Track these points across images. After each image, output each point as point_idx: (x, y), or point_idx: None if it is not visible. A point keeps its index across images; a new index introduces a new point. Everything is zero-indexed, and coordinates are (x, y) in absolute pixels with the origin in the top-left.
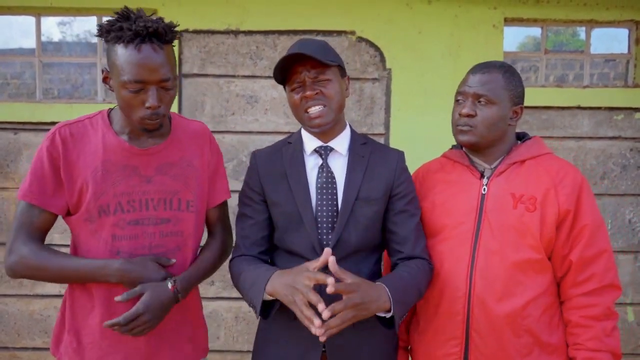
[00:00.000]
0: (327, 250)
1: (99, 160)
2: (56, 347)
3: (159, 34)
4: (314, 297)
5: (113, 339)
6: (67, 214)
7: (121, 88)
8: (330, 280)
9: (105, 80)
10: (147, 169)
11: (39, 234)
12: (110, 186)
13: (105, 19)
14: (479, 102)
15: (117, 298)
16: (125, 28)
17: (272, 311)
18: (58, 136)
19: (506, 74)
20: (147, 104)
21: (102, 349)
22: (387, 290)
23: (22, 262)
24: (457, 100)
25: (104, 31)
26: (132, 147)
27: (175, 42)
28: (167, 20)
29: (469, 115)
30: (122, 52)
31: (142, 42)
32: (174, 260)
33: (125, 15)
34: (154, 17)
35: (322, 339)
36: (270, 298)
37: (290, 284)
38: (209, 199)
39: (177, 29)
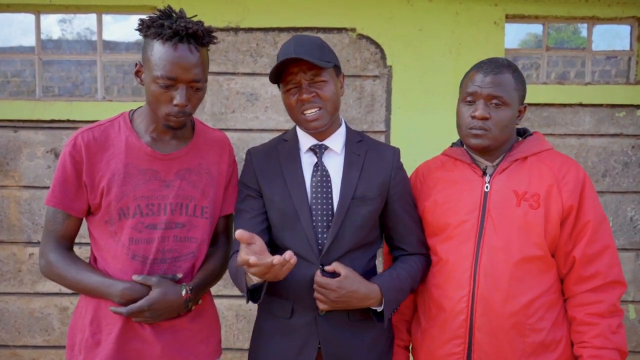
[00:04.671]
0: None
1: (121, 163)
2: (71, 349)
3: (197, 36)
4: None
5: (129, 336)
6: (88, 213)
7: (152, 82)
8: (317, 272)
9: (137, 73)
10: (167, 174)
11: (65, 241)
12: (131, 189)
13: (104, 16)
14: (492, 103)
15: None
16: (166, 26)
17: (261, 293)
18: (80, 140)
19: (515, 74)
20: (175, 101)
21: (117, 344)
22: (381, 290)
23: (48, 267)
24: (467, 102)
25: (145, 26)
26: (155, 152)
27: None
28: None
29: (483, 118)
30: (159, 48)
31: (179, 41)
32: (180, 276)
33: (167, 13)
34: (194, 20)
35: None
36: (257, 281)
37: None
38: (221, 207)
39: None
